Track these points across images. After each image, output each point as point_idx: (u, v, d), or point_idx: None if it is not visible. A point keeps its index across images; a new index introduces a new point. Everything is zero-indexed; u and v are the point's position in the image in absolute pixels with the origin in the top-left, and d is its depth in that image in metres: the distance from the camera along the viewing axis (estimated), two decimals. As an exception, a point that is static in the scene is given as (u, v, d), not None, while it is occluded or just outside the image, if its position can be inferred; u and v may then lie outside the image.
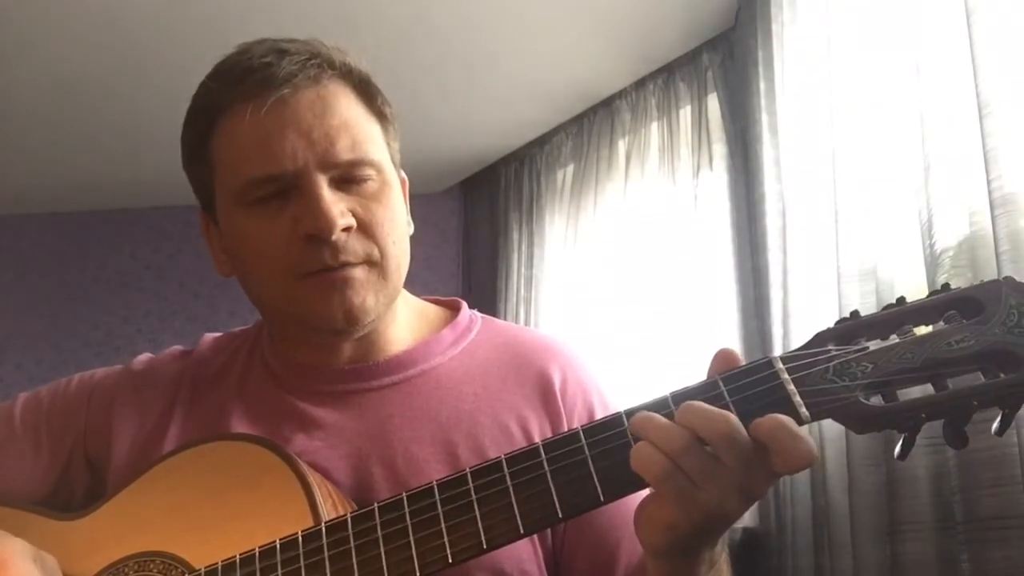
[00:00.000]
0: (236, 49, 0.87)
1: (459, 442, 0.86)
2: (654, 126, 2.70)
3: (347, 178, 0.83)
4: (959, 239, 1.45)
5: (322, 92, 0.83)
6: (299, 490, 0.76)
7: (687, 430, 0.63)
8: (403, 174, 0.94)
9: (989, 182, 1.34)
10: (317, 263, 0.81)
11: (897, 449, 0.65)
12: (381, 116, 0.88)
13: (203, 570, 0.75)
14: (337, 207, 0.81)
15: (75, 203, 3.57)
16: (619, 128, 2.81)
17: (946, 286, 0.66)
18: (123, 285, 3.60)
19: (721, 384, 0.67)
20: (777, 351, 1.98)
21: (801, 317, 1.89)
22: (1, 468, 0.93)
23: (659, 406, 0.67)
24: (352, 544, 0.69)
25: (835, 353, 0.65)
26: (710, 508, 0.62)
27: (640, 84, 2.76)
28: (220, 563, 0.74)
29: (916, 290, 1.61)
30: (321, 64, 0.84)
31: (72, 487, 0.94)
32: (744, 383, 0.66)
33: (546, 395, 0.90)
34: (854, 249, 1.73)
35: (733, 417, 0.62)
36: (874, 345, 0.65)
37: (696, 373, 0.71)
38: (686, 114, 2.60)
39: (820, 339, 0.67)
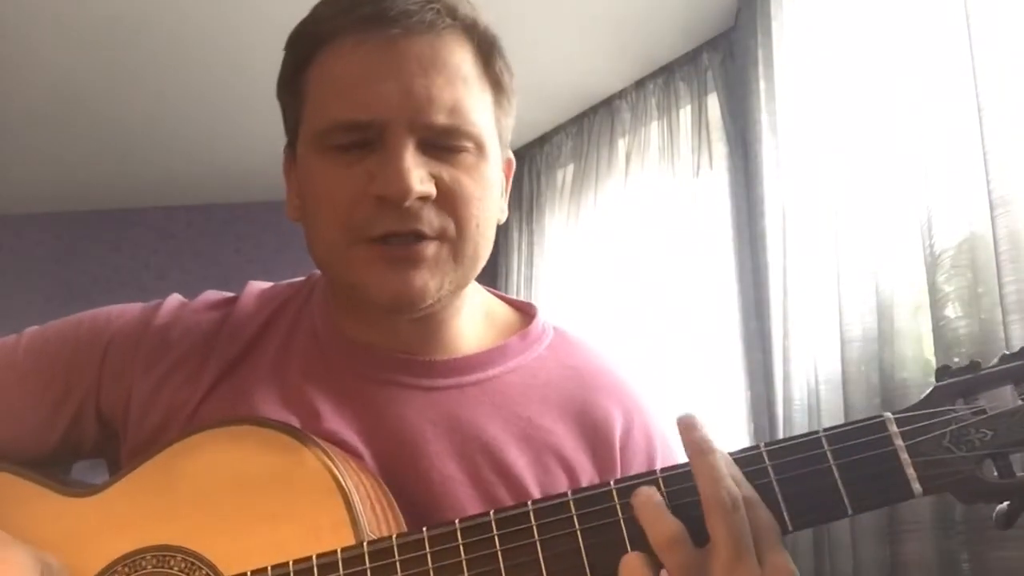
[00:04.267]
0: None
1: (498, 472, 0.79)
2: (654, 126, 2.70)
3: (439, 144, 0.74)
4: (959, 239, 1.44)
5: (436, 42, 0.74)
6: (336, 494, 0.70)
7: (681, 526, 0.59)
8: (510, 154, 0.86)
9: (989, 182, 1.34)
10: (381, 227, 0.73)
11: (1002, 518, 0.60)
12: (497, 85, 0.79)
13: None
14: (418, 172, 0.72)
15: (75, 203, 3.57)
16: (619, 128, 2.81)
17: None
18: (123, 285, 3.59)
19: (824, 443, 0.61)
20: (777, 351, 1.99)
21: (801, 317, 1.89)
22: (2, 417, 0.86)
23: (751, 460, 0.62)
24: (399, 573, 0.64)
25: (952, 416, 0.60)
26: None
27: (640, 84, 2.75)
28: (250, 574, 0.69)
29: (916, 290, 1.61)
30: (441, 10, 0.74)
31: (79, 441, 0.87)
32: (852, 444, 0.60)
33: (603, 446, 0.82)
34: (854, 249, 1.73)
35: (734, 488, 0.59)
36: (991, 408, 0.60)
37: (697, 375, 0.70)
38: (686, 114, 2.60)
39: (937, 396, 0.61)
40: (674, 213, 2.53)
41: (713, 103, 2.50)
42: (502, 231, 3.29)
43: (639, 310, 2.56)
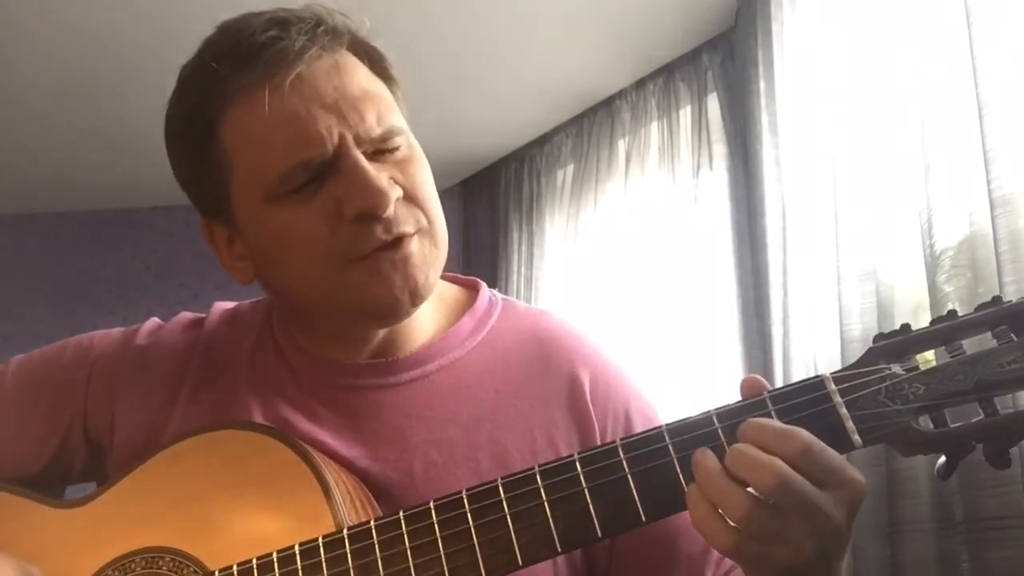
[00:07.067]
0: (221, 28, 0.80)
1: (480, 446, 0.81)
2: (654, 126, 2.70)
3: (380, 150, 0.77)
4: (959, 239, 1.45)
5: (339, 62, 0.77)
6: (316, 488, 0.72)
7: (750, 496, 0.59)
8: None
9: (989, 182, 1.34)
10: (371, 243, 0.75)
11: (942, 468, 0.64)
12: (390, 79, 0.83)
13: (217, 572, 0.72)
14: (383, 178, 0.75)
15: (75, 203, 3.57)
16: (619, 128, 2.81)
17: (997, 299, 0.65)
18: (123, 285, 3.59)
19: (769, 403, 0.64)
20: (777, 351, 1.99)
21: (801, 317, 1.89)
22: None
23: (702, 424, 0.65)
24: (378, 555, 0.66)
25: (887, 373, 0.64)
26: (789, 563, 0.59)
27: (640, 84, 2.76)
28: (236, 568, 0.71)
29: (916, 290, 1.61)
30: (327, 31, 0.77)
31: (69, 464, 0.89)
32: (794, 403, 0.64)
33: (574, 399, 0.84)
34: (854, 249, 1.73)
35: (781, 465, 0.59)
36: (923, 365, 0.64)
37: (697, 374, 0.70)
38: (686, 114, 2.60)
39: (872, 356, 0.65)
40: (674, 213, 2.53)
41: (713, 103, 2.50)
42: (502, 231, 3.30)
43: (639, 310, 2.56)
